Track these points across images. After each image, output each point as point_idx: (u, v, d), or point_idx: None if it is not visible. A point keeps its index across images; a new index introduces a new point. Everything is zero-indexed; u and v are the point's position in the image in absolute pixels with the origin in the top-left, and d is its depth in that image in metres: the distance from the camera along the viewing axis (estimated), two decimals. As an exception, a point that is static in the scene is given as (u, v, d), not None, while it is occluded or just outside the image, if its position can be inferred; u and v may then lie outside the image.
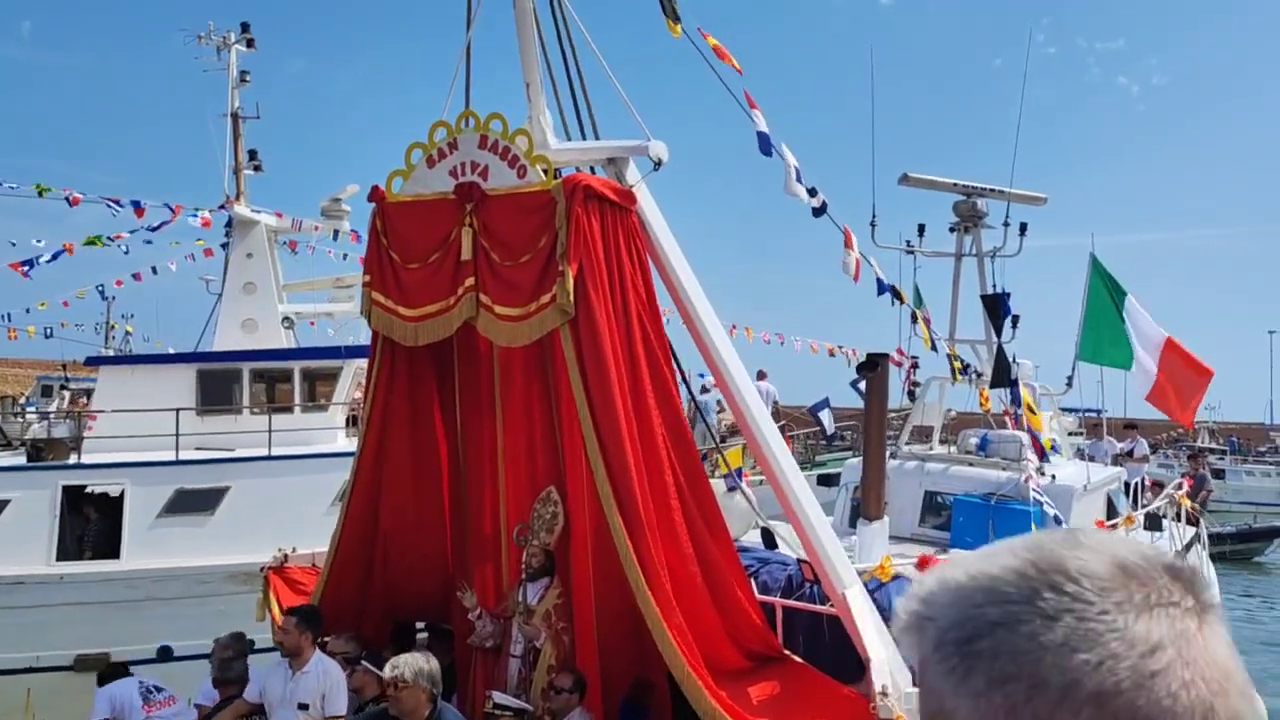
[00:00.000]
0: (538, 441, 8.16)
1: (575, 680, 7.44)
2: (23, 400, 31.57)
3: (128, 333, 42.88)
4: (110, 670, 8.49)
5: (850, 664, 7.40)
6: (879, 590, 7.77)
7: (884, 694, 6.40)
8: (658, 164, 7.12)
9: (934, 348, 13.71)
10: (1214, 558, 20.16)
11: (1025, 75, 15.76)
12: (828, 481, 16.91)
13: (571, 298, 6.69)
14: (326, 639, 8.05)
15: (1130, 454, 21.92)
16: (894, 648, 7.25)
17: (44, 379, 40.05)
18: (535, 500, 8.14)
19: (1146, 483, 19.82)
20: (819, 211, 9.91)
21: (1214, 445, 52.78)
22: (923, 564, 8.70)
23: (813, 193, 9.85)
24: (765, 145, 8.82)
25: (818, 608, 7.82)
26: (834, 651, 7.69)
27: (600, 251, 6.81)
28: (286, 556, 9.02)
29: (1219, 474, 44.07)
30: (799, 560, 7.91)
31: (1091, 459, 17.00)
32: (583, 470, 7.69)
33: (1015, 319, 14.14)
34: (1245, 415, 71.87)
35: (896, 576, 8.00)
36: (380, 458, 8.05)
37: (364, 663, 7.50)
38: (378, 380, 7.83)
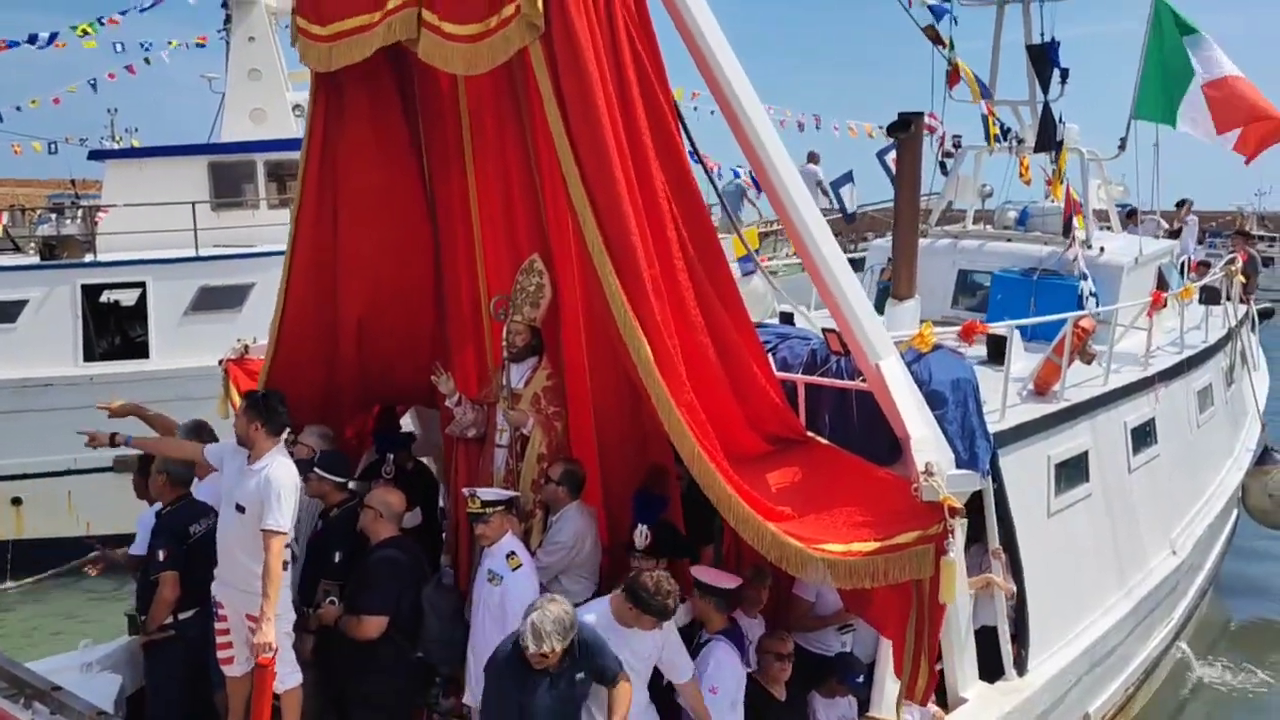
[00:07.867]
0: (516, 199, 6.93)
1: (565, 470, 6.52)
2: (36, 217, 30.79)
3: (134, 146, 42.08)
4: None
5: (883, 447, 6.46)
6: (917, 362, 6.71)
7: (928, 473, 5.42)
8: None
9: (985, 95, 12.24)
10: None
11: None
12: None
13: (540, 4, 5.34)
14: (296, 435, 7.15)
15: (1177, 234, 20.47)
16: (935, 425, 6.29)
17: (55, 196, 39.39)
18: (518, 271, 7.02)
19: (1191, 263, 18.51)
20: None
21: (1262, 233, 50.39)
22: (967, 331, 7.62)
23: None
24: None
25: (846, 383, 6.78)
26: (864, 433, 6.74)
27: None
28: (247, 348, 8.11)
29: (1269, 261, 42.12)
30: (824, 330, 6.81)
31: None
32: (569, 233, 6.53)
33: (1065, 73, 12.53)
34: (1290, 204, 68.55)
35: (938, 347, 6.91)
36: (330, 223, 6.86)
37: (316, 470, 6.55)
38: (312, 126, 6.57)
